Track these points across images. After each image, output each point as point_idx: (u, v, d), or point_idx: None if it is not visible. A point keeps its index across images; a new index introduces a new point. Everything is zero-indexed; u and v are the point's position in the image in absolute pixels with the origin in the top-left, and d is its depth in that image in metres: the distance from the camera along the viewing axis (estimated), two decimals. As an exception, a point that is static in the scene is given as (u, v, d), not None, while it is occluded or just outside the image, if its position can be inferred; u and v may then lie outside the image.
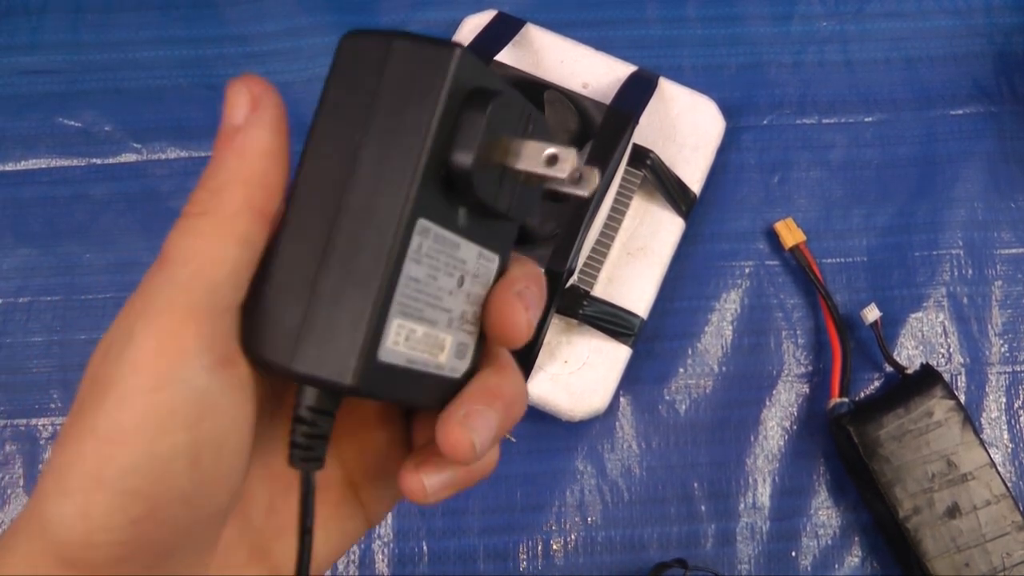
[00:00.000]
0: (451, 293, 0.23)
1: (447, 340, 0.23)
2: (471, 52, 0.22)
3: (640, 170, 0.52)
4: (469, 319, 0.24)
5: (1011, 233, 0.55)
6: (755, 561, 0.49)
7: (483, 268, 0.24)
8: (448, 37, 0.55)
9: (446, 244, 0.23)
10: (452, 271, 0.23)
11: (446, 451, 0.22)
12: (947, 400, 0.48)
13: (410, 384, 0.23)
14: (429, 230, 0.22)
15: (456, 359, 0.24)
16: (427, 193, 0.22)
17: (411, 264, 0.22)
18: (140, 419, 0.19)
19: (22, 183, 0.55)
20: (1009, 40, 0.59)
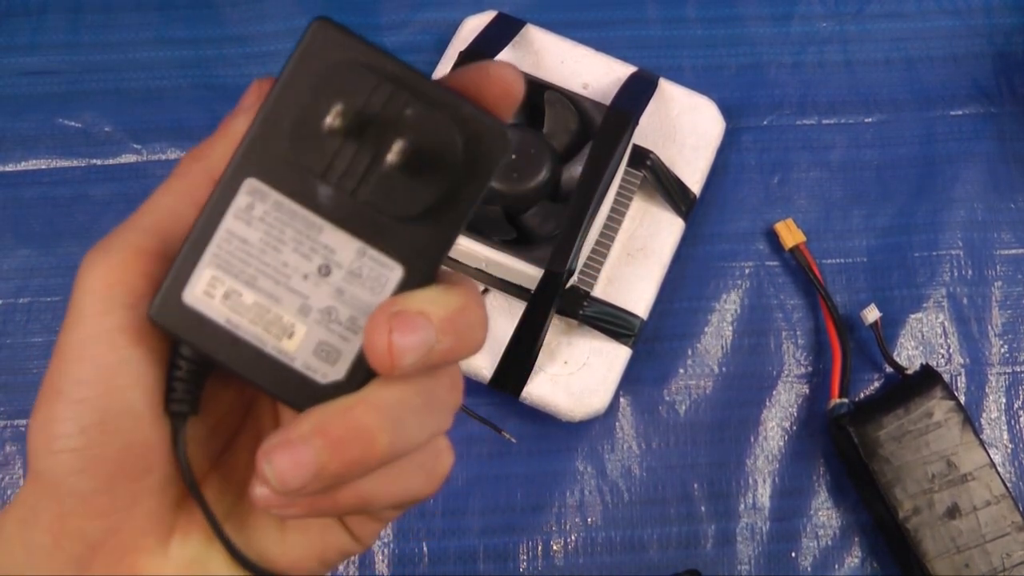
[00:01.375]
0: (306, 277, 0.22)
1: (297, 328, 0.23)
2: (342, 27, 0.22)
3: (640, 171, 0.52)
4: (343, 322, 0.23)
5: (1011, 233, 0.55)
6: (755, 562, 0.49)
7: (371, 271, 0.23)
8: (448, 38, 0.55)
9: (296, 219, 0.22)
10: (308, 253, 0.22)
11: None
12: (947, 401, 0.48)
13: (240, 353, 0.22)
14: (265, 193, 0.22)
15: (320, 360, 0.23)
16: (266, 156, 0.22)
17: (235, 221, 0.22)
18: (91, 338, 0.22)
19: (22, 183, 0.55)
20: (1009, 40, 0.59)
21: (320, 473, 0.21)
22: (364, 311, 0.23)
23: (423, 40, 0.58)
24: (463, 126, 0.22)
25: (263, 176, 0.22)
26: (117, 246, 0.23)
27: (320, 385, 0.23)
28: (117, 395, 0.22)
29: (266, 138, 0.22)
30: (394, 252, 0.23)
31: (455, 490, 0.50)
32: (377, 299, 0.23)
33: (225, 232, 0.22)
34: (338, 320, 0.23)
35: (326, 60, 0.22)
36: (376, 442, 0.21)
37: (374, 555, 0.49)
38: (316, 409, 0.22)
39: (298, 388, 0.23)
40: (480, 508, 0.50)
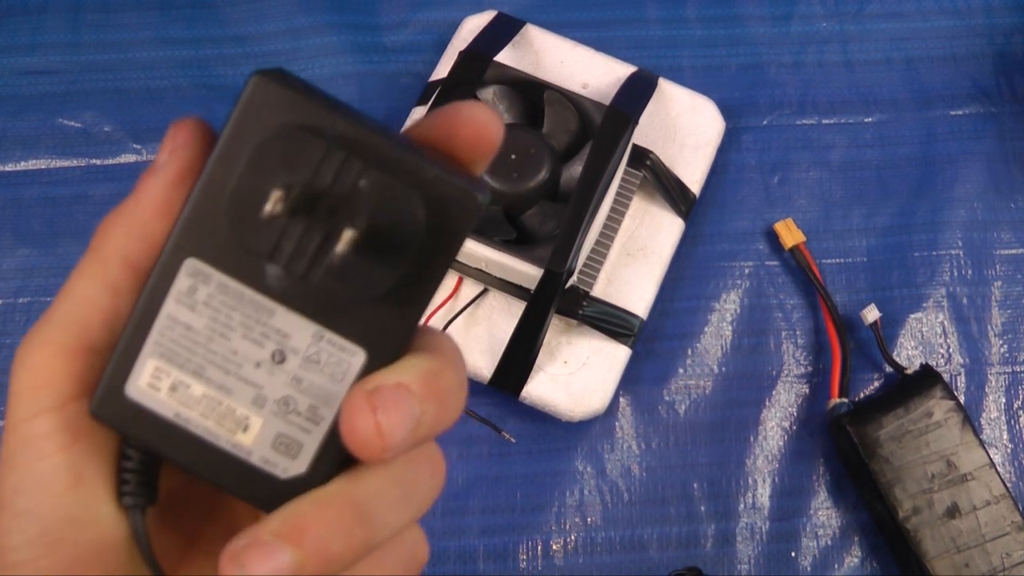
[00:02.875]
0: (259, 365, 0.21)
1: (252, 420, 0.21)
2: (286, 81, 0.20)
3: (640, 170, 0.52)
4: (302, 412, 0.21)
5: (1011, 233, 0.55)
6: (755, 561, 0.49)
7: (330, 356, 0.21)
8: (448, 38, 0.55)
9: (244, 302, 0.20)
10: (260, 339, 0.21)
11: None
12: (947, 400, 0.48)
13: (192, 448, 0.21)
14: (208, 275, 0.20)
15: (279, 454, 0.21)
16: (207, 234, 0.20)
17: (176, 306, 0.20)
18: (20, 444, 0.21)
19: (22, 183, 0.55)
20: (1009, 40, 0.59)
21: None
22: (325, 400, 0.21)
23: (423, 40, 0.58)
24: (426, 193, 0.20)
25: (204, 256, 0.20)
26: (36, 343, 0.21)
27: (281, 480, 0.21)
28: (54, 502, 0.21)
29: (205, 214, 0.20)
30: (354, 336, 0.21)
31: (455, 490, 0.50)
32: (339, 387, 0.21)
33: (166, 319, 0.21)
34: (296, 410, 0.21)
35: (268, 124, 0.20)
36: (354, 538, 0.20)
37: (374, 555, 0.49)
38: (288, 507, 0.20)
39: (257, 484, 0.21)
40: (480, 508, 0.50)
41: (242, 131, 0.20)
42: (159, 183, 0.21)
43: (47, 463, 0.21)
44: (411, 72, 0.57)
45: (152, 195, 0.21)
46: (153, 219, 0.21)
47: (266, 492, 0.21)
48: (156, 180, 0.21)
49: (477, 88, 0.50)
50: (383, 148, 0.20)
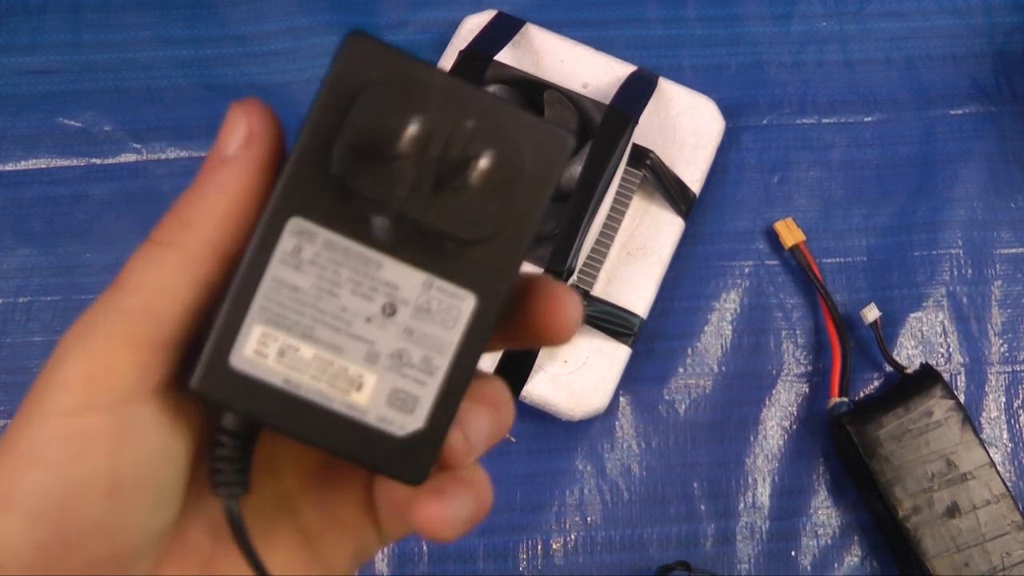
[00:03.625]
0: (370, 320, 0.20)
1: (366, 378, 0.20)
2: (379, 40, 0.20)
3: (640, 170, 0.52)
4: (416, 364, 0.21)
5: (1011, 233, 0.55)
6: (755, 561, 0.49)
7: (440, 304, 0.21)
8: (448, 37, 0.55)
9: (351, 257, 0.20)
10: (369, 293, 0.20)
11: (419, 528, 0.21)
12: (946, 400, 0.48)
13: (305, 416, 0.20)
14: (313, 233, 0.20)
15: (395, 411, 0.21)
16: (309, 191, 0.20)
17: (281, 268, 0.20)
18: (57, 440, 0.19)
19: (22, 183, 0.55)
20: (1009, 40, 0.59)
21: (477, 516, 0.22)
22: (439, 348, 0.21)
23: (423, 39, 0.58)
24: (524, 135, 0.20)
25: (309, 214, 0.20)
26: (100, 332, 0.19)
27: (399, 438, 0.21)
28: (84, 510, 0.19)
29: (307, 171, 0.20)
30: (464, 280, 0.21)
31: (455, 489, 0.50)
32: (452, 334, 0.21)
33: (272, 281, 0.20)
34: (410, 363, 0.21)
35: (369, 77, 0.20)
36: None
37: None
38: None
39: (375, 446, 0.21)
40: (480, 507, 0.50)
41: (342, 85, 0.20)
42: (245, 173, 0.20)
43: (85, 467, 0.19)
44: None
45: (240, 185, 0.20)
46: (247, 210, 0.20)
47: (384, 453, 0.21)
48: (241, 170, 0.20)
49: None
50: (481, 97, 0.20)
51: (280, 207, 0.20)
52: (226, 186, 0.20)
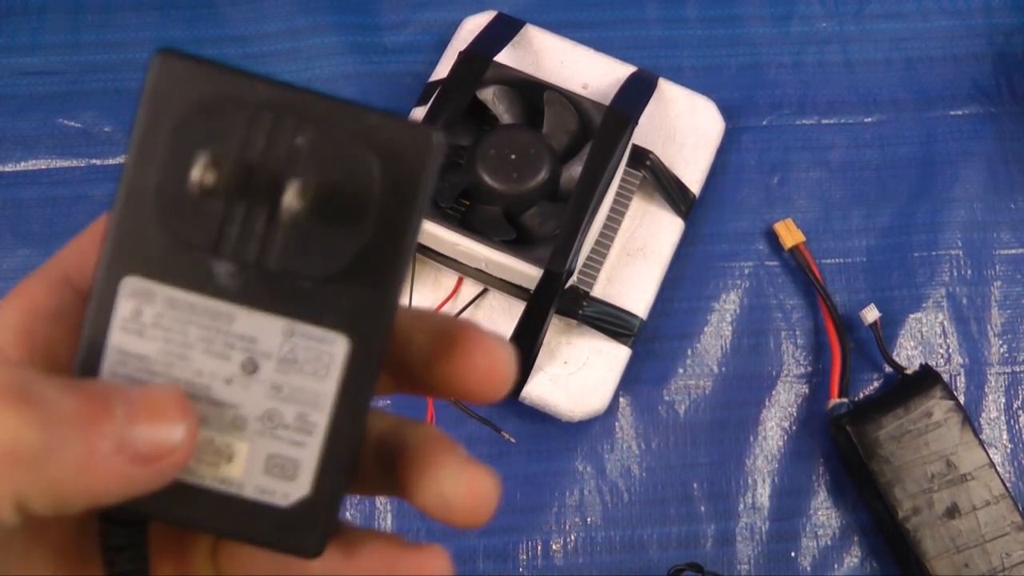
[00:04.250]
0: (230, 382, 0.18)
1: (236, 447, 0.18)
2: (190, 55, 0.17)
3: (640, 171, 0.52)
4: (290, 423, 0.18)
5: (1010, 233, 0.55)
6: (755, 561, 0.49)
7: (308, 352, 0.18)
8: (448, 38, 0.55)
9: (197, 312, 0.18)
10: (224, 351, 0.18)
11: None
12: (946, 400, 0.48)
13: (175, 498, 0.18)
14: (151, 292, 0.18)
15: (273, 478, 0.18)
16: (140, 244, 0.17)
17: (123, 336, 0.18)
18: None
19: (22, 183, 0.55)
20: (1009, 40, 0.59)
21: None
22: (313, 403, 0.18)
23: (423, 40, 0.58)
24: (374, 141, 0.17)
25: (143, 270, 0.18)
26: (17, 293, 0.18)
27: (284, 509, 0.18)
28: None
29: (134, 220, 0.17)
30: (329, 321, 0.18)
31: (455, 490, 0.50)
32: (326, 384, 0.18)
33: (115, 354, 0.18)
34: (283, 423, 0.18)
35: (183, 103, 0.17)
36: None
37: (374, 555, 0.49)
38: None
39: (259, 521, 0.18)
40: (480, 508, 0.50)
41: (156, 118, 0.17)
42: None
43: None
44: (411, 72, 0.57)
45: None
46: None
47: (269, 528, 0.19)
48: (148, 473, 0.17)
49: (477, 88, 0.50)
50: (316, 102, 0.17)
51: (112, 266, 0.18)
52: (88, 467, 0.16)
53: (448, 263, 0.49)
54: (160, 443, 0.17)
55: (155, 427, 0.17)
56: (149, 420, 0.17)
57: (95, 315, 0.18)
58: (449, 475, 0.19)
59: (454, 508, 0.19)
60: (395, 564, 0.20)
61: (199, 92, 0.17)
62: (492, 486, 0.19)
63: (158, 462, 0.17)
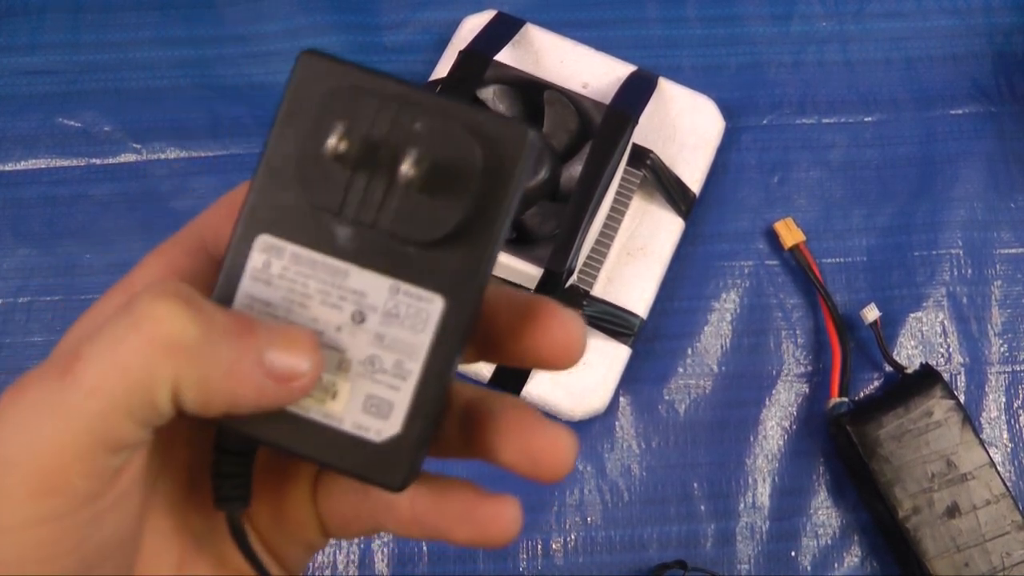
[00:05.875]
0: (340, 329, 0.21)
1: (340, 386, 0.21)
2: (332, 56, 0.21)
3: (640, 170, 0.52)
4: (388, 369, 0.21)
5: (1011, 233, 0.55)
6: (755, 561, 0.49)
7: (408, 308, 0.21)
8: (448, 37, 0.55)
9: (318, 268, 0.21)
10: (338, 302, 0.21)
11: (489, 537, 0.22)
12: (947, 400, 0.48)
13: (283, 426, 0.21)
14: (280, 248, 0.21)
15: (371, 417, 0.21)
16: (275, 208, 0.21)
17: (253, 283, 0.21)
18: (23, 552, 0.19)
19: (22, 183, 0.55)
20: (1009, 40, 0.59)
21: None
22: (409, 353, 0.21)
23: (423, 40, 0.58)
24: (478, 132, 0.20)
25: (275, 230, 0.21)
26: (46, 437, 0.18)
27: (376, 444, 0.21)
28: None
29: (272, 187, 0.21)
30: (429, 282, 0.21)
31: (455, 489, 0.50)
32: (421, 337, 0.21)
33: (244, 298, 0.21)
34: (383, 368, 0.21)
35: (321, 90, 0.20)
36: None
37: (374, 555, 0.49)
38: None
39: (354, 453, 0.21)
40: (480, 507, 0.50)
41: (298, 103, 0.21)
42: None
43: (51, 567, 0.19)
44: (411, 72, 0.57)
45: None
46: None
47: (362, 460, 0.21)
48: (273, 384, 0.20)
49: (477, 88, 0.50)
50: (432, 99, 0.21)
51: (248, 225, 0.21)
52: (234, 370, 0.19)
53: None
54: (292, 367, 0.19)
55: (290, 354, 0.19)
56: (286, 348, 0.20)
57: (231, 265, 0.21)
58: (535, 434, 0.21)
59: (541, 462, 0.21)
60: (474, 508, 0.22)
61: (336, 83, 0.20)
62: (572, 442, 0.22)
63: (288, 382, 0.19)
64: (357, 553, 0.49)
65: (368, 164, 0.20)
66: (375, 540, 0.49)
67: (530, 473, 0.21)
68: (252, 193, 0.21)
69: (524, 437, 0.22)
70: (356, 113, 0.20)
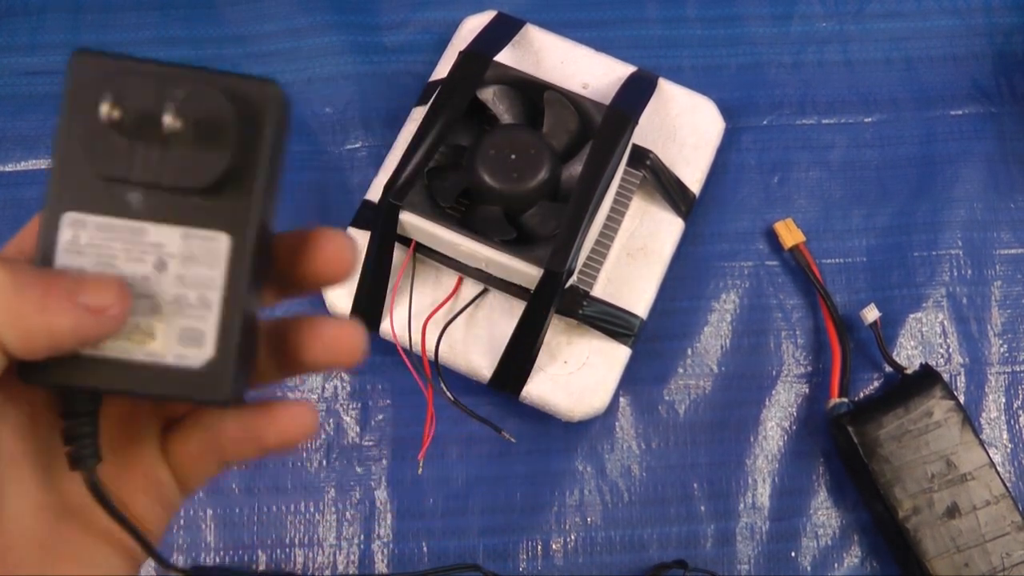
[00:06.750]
0: (147, 279, 0.24)
1: (156, 326, 0.24)
2: (100, 51, 0.24)
3: (640, 170, 0.52)
4: (193, 303, 0.24)
5: (1011, 233, 0.55)
6: (755, 561, 0.49)
7: (201, 248, 0.24)
8: (448, 37, 0.55)
9: (119, 231, 0.24)
10: (140, 256, 0.24)
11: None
12: (946, 400, 0.48)
13: (115, 372, 0.24)
14: (84, 221, 0.24)
15: (186, 347, 0.24)
16: (73, 187, 0.24)
17: (66, 255, 0.24)
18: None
19: (22, 183, 0.55)
20: (1009, 40, 0.59)
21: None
22: (208, 285, 0.24)
23: (423, 40, 0.58)
24: (230, 90, 0.24)
25: (77, 206, 0.24)
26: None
27: (197, 369, 0.24)
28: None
29: (68, 171, 0.24)
30: (213, 224, 0.24)
31: (455, 490, 0.50)
32: (216, 271, 0.24)
33: (60, 268, 0.24)
34: (189, 304, 0.24)
35: (93, 80, 0.23)
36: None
37: (374, 555, 0.49)
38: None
39: (180, 381, 0.24)
40: (480, 508, 0.50)
41: (76, 93, 0.24)
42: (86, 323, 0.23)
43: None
44: (411, 72, 0.57)
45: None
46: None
47: (189, 385, 0.24)
48: (89, 319, 0.23)
49: (477, 88, 0.50)
50: (188, 71, 0.24)
51: (54, 206, 0.24)
52: (45, 305, 0.22)
53: (448, 263, 0.49)
54: (101, 299, 0.22)
55: (98, 289, 0.23)
56: (93, 285, 0.23)
57: (45, 242, 0.24)
58: (326, 329, 0.26)
59: (336, 350, 0.26)
60: (279, 406, 0.26)
61: (105, 71, 0.24)
62: (358, 327, 0.26)
63: (99, 312, 0.22)
64: (357, 553, 0.49)
65: (142, 133, 0.23)
66: (375, 541, 0.49)
67: (331, 361, 0.26)
68: (52, 178, 0.24)
69: (318, 335, 0.26)
70: (122, 87, 0.23)
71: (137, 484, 0.26)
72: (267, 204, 0.25)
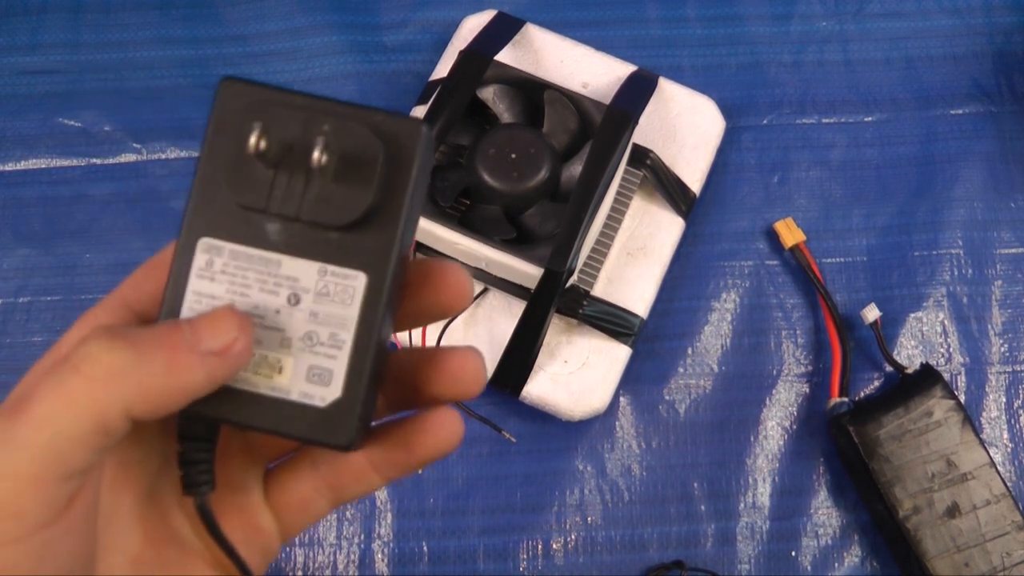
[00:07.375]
0: (279, 312, 0.23)
1: (284, 361, 0.23)
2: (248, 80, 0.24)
3: (640, 170, 0.52)
4: (324, 341, 0.24)
5: (1011, 233, 0.55)
6: (755, 561, 0.49)
7: (336, 286, 0.24)
8: (448, 37, 0.55)
9: (254, 261, 0.23)
10: (274, 288, 0.23)
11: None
12: (947, 400, 0.48)
13: (239, 404, 0.23)
14: (219, 247, 0.23)
15: (314, 385, 0.23)
16: (212, 213, 0.23)
17: (199, 280, 0.23)
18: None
19: (22, 183, 0.55)
20: (1009, 40, 0.59)
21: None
22: (342, 324, 0.24)
23: (423, 39, 0.58)
24: (378, 128, 0.23)
25: (213, 232, 0.23)
26: (4, 467, 0.21)
27: (322, 409, 0.23)
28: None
29: (207, 196, 0.23)
30: (352, 262, 0.24)
31: (455, 490, 0.50)
32: (351, 310, 0.24)
33: (193, 294, 0.23)
34: (320, 341, 0.23)
35: (240, 108, 0.23)
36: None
37: (374, 555, 0.49)
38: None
39: (302, 419, 0.23)
40: (480, 508, 0.50)
41: (221, 121, 0.23)
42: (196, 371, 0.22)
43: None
44: (411, 72, 0.57)
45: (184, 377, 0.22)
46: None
47: (310, 425, 0.23)
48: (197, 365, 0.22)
49: (477, 88, 0.50)
50: (336, 105, 0.24)
51: (190, 230, 0.24)
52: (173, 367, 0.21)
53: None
54: (223, 339, 0.22)
55: (216, 329, 0.22)
56: (211, 326, 0.22)
57: (178, 266, 0.23)
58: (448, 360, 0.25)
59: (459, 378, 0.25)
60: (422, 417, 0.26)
61: (252, 100, 0.23)
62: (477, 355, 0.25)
63: (225, 352, 0.22)
64: (357, 553, 0.49)
65: (286, 165, 0.23)
66: (375, 540, 0.49)
67: (456, 393, 0.25)
68: (191, 203, 0.24)
69: (443, 368, 0.25)
70: (271, 118, 0.23)
71: (236, 536, 0.25)
72: (406, 244, 0.24)
